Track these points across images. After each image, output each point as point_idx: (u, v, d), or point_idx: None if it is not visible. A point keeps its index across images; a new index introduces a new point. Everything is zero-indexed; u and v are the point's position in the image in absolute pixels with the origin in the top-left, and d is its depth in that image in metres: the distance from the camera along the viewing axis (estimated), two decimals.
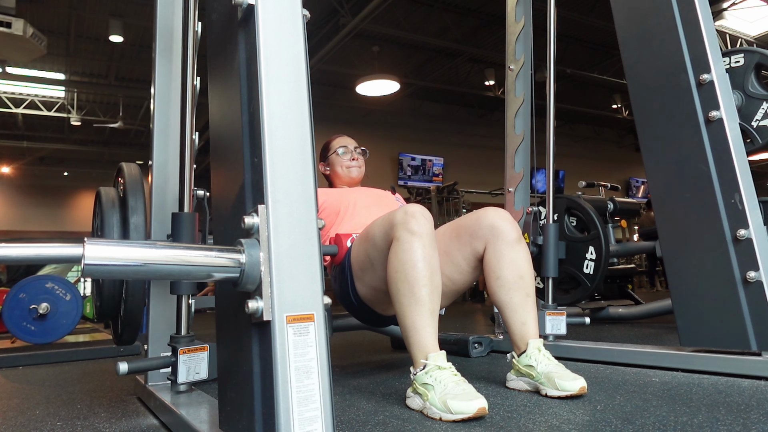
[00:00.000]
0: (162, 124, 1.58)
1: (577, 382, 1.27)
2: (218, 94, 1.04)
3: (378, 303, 1.62)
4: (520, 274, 1.47)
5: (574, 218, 2.43)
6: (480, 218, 1.53)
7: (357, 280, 1.60)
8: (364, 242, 1.55)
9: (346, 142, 2.04)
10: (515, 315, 1.45)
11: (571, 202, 2.38)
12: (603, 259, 2.26)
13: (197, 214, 1.38)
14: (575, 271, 2.34)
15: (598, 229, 2.27)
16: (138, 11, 6.79)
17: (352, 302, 1.66)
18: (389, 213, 1.45)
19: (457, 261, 1.58)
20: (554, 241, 2.12)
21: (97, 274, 0.72)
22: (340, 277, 1.68)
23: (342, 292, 1.68)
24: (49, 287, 2.95)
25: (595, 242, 2.28)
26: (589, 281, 2.30)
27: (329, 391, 0.76)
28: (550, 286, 2.11)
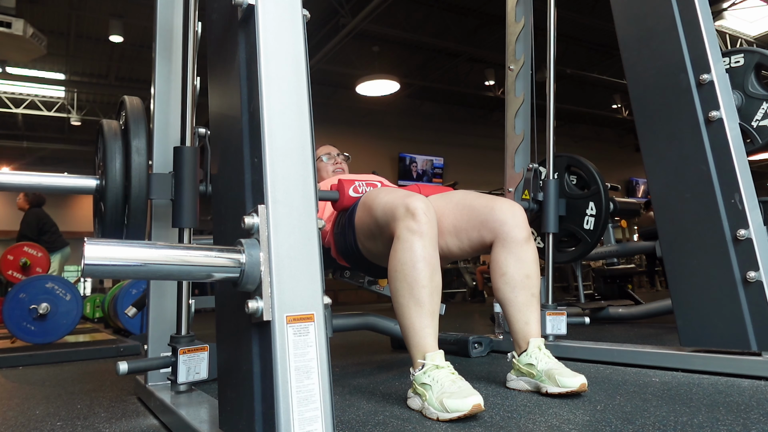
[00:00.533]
0: (162, 124, 1.58)
1: (577, 379, 1.28)
2: (218, 95, 1.05)
3: (380, 258, 1.59)
4: (527, 274, 1.46)
5: (575, 176, 2.41)
6: (494, 210, 1.50)
7: (360, 242, 1.59)
8: (367, 213, 1.52)
9: (329, 149, 2.15)
10: (519, 314, 1.45)
11: (571, 159, 2.36)
12: (603, 213, 2.24)
13: (198, 149, 1.39)
14: (575, 227, 2.31)
15: (599, 184, 2.25)
16: (138, 11, 6.80)
17: (353, 253, 1.64)
18: (394, 198, 1.42)
19: (461, 238, 1.55)
20: (554, 197, 2.13)
21: (97, 274, 0.72)
22: (341, 231, 1.66)
23: (344, 245, 1.66)
24: (49, 287, 2.95)
25: (595, 197, 2.26)
26: (590, 237, 2.28)
27: (329, 391, 0.76)
28: (550, 243, 2.12)
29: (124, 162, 1.33)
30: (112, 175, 1.31)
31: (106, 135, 1.36)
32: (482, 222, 1.51)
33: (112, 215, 1.33)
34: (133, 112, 1.37)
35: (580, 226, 2.30)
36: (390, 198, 1.44)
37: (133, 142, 1.33)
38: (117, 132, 1.38)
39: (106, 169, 1.32)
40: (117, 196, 1.32)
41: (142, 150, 1.34)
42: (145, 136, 1.36)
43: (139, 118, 1.37)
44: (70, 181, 1.37)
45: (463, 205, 1.57)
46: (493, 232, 1.49)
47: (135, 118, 1.36)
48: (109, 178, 1.31)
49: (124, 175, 1.32)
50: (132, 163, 1.32)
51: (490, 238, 1.50)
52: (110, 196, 1.31)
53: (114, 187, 1.31)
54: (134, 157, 1.33)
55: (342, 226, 1.67)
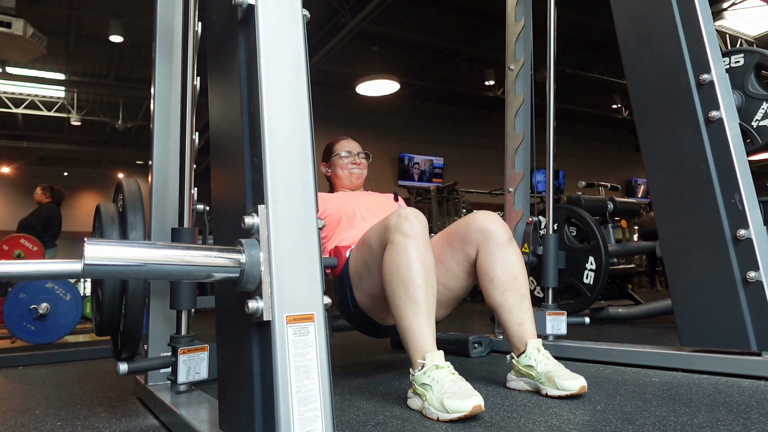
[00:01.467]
0: (162, 124, 1.58)
1: (577, 382, 1.28)
2: (218, 94, 1.04)
3: (377, 311, 1.62)
4: (513, 275, 1.47)
5: (574, 228, 2.43)
6: (470, 223, 1.53)
7: (356, 289, 1.61)
8: (360, 250, 1.55)
9: (351, 146, 2.01)
10: (511, 316, 1.45)
11: (571, 212, 2.38)
12: (603, 269, 2.26)
13: (197, 229, 1.38)
14: (575, 281, 2.34)
15: (598, 239, 2.27)
16: (138, 11, 6.79)
17: (352, 312, 1.67)
18: (383, 218, 1.45)
19: (451, 268, 1.58)
20: (554, 250, 2.13)
21: (98, 274, 0.72)
22: (340, 288, 1.68)
23: (342, 303, 1.69)
24: (49, 287, 2.95)
25: (595, 252, 2.28)
26: (590, 291, 2.30)
27: (329, 391, 0.76)
28: (550, 296, 2.11)
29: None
30: None
31: (103, 221, 1.38)
32: (463, 240, 1.54)
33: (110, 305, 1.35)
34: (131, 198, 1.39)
35: (580, 280, 2.32)
36: (380, 221, 1.47)
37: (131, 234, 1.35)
38: (114, 218, 1.40)
39: None
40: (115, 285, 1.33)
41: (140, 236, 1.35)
42: (142, 224, 1.37)
43: (136, 205, 1.39)
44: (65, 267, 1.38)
45: (442, 238, 1.62)
46: (475, 242, 1.52)
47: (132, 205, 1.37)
48: None
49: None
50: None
51: (474, 250, 1.53)
52: (108, 284, 1.32)
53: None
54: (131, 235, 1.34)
55: (339, 284, 1.69)
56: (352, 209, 1.84)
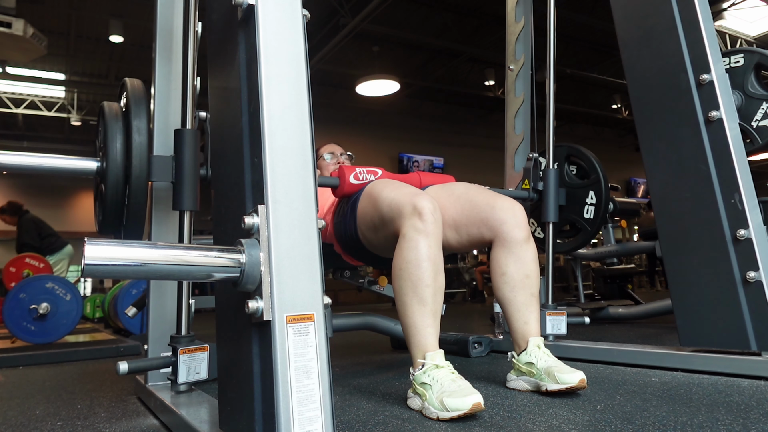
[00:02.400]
0: (162, 120, 1.58)
1: (576, 375, 1.28)
2: (218, 95, 1.05)
3: (378, 249, 1.60)
4: (526, 273, 1.47)
5: (575, 166, 2.41)
6: (494, 208, 1.50)
7: (360, 231, 1.58)
8: (372, 206, 1.51)
9: (333, 148, 2.12)
10: (518, 314, 1.45)
11: (571, 149, 2.36)
12: (603, 202, 2.24)
13: (199, 132, 1.39)
14: (575, 216, 2.31)
15: (599, 173, 2.25)
16: (138, 11, 6.79)
17: (351, 242, 1.64)
18: (402, 194, 1.42)
19: (461, 233, 1.56)
20: (554, 186, 2.14)
21: (98, 274, 0.72)
22: (342, 219, 1.66)
23: (344, 232, 1.65)
24: (49, 287, 2.95)
25: (595, 186, 2.26)
26: (590, 226, 2.28)
27: (329, 391, 0.76)
28: (550, 232, 2.12)
29: (124, 143, 1.33)
30: (113, 156, 1.31)
31: (107, 116, 1.36)
32: (482, 220, 1.51)
33: (113, 197, 1.32)
34: (134, 94, 1.37)
35: (580, 215, 2.30)
36: (397, 194, 1.43)
37: (134, 122, 1.33)
38: (118, 113, 1.38)
39: (106, 150, 1.31)
40: (118, 177, 1.31)
41: (143, 131, 1.33)
42: (146, 117, 1.35)
43: (140, 99, 1.36)
44: (71, 163, 1.36)
45: (465, 199, 1.57)
46: (493, 230, 1.50)
47: (136, 100, 1.36)
48: (110, 158, 1.30)
49: (125, 156, 1.32)
50: (133, 144, 1.32)
51: (490, 236, 1.51)
52: (111, 177, 1.30)
53: (115, 167, 1.31)
54: (135, 137, 1.32)
55: (343, 214, 1.66)
56: None
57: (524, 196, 2.22)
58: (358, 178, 1.65)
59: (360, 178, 1.65)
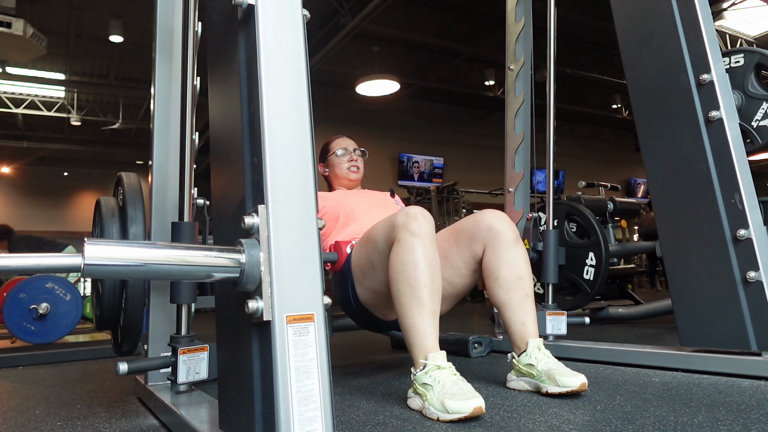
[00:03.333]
0: (162, 124, 1.58)
1: (577, 378, 1.28)
2: (218, 94, 1.04)
3: (379, 307, 1.62)
4: (518, 275, 1.47)
5: (574, 224, 2.43)
6: (478, 221, 1.54)
7: (358, 285, 1.61)
8: (365, 245, 1.55)
9: (346, 143, 2.03)
10: (514, 315, 1.45)
11: (571, 208, 2.38)
12: (603, 265, 2.26)
13: (197, 223, 1.38)
14: (575, 276, 2.34)
15: (598, 235, 2.27)
16: (138, 11, 6.79)
17: (353, 307, 1.67)
18: (391, 215, 1.45)
19: (456, 265, 1.59)
20: (554, 247, 2.13)
21: (98, 274, 0.72)
22: (341, 283, 1.68)
23: (343, 298, 1.68)
24: (49, 287, 2.95)
25: (595, 248, 2.28)
26: (590, 287, 2.30)
27: (329, 391, 0.76)
28: (550, 292, 2.11)
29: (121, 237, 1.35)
30: None
31: (103, 215, 1.38)
32: (470, 237, 1.55)
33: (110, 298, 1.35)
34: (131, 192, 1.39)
35: (580, 276, 2.32)
36: (386, 218, 1.47)
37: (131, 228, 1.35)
38: (114, 212, 1.40)
39: None
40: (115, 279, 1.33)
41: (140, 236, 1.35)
42: (143, 217, 1.37)
43: (137, 199, 1.39)
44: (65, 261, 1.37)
45: (448, 234, 1.62)
46: (482, 240, 1.52)
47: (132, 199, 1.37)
48: None
49: None
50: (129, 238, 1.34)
51: (481, 248, 1.53)
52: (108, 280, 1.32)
53: None
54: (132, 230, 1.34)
55: (340, 279, 1.69)
56: (350, 206, 1.85)
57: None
58: (354, 247, 1.67)
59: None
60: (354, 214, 1.83)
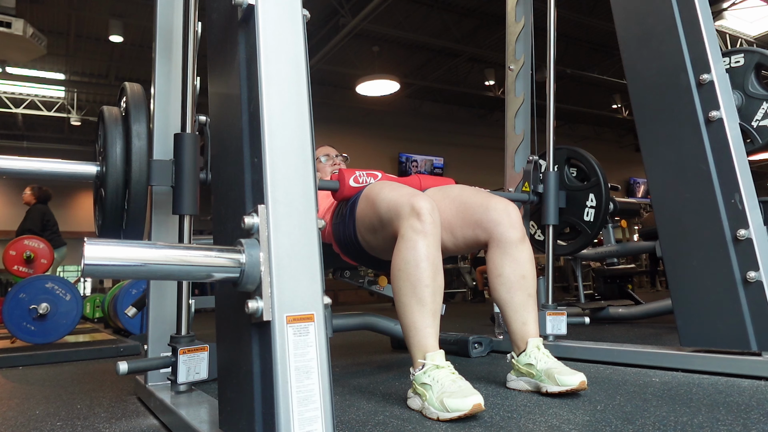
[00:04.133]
0: (162, 124, 1.58)
1: (576, 377, 1.28)
2: (218, 95, 1.04)
3: (382, 252, 1.59)
4: (522, 274, 1.46)
5: (575, 169, 2.41)
6: (488, 210, 1.50)
7: (359, 233, 1.58)
8: (371, 208, 1.51)
9: (328, 150, 2.12)
10: (516, 315, 1.45)
11: (571, 152, 2.36)
12: (603, 204, 2.24)
13: (198, 135, 1.39)
14: (576, 219, 2.31)
15: (599, 176, 2.25)
16: (138, 11, 6.80)
17: (352, 245, 1.64)
18: (400, 195, 1.41)
19: (456, 235, 1.55)
20: (554, 188, 2.14)
21: (97, 274, 0.72)
22: (341, 221, 1.65)
23: (343, 235, 1.65)
24: (49, 287, 2.95)
25: (595, 189, 2.25)
26: (590, 229, 2.28)
27: (329, 391, 0.76)
28: (550, 235, 2.11)
29: (124, 147, 1.33)
30: (113, 161, 1.31)
31: (106, 120, 1.36)
32: (477, 221, 1.52)
33: (113, 201, 1.32)
34: (134, 98, 1.37)
35: (581, 218, 2.30)
36: (395, 195, 1.43)
37: (134, 127, 1.33)
38: (118, 118, 1.38)
39: (106, 155, 1.31)
40: (117, 181, 1.31)
41: (143, 135, 1.33)
42: (146, 121, 1.35)
43: (140, 103, 1.36)
44: (71, 167, 1.36)
45: (459, 201, 1.57)
46: (488, 232, 1.50)
47: (135, 104, 1.36)
48: (110, 163, 1.30)
49: (125, 160, 1.32)
50: (132, 148, 1.32)
51: (485, 237, 1.51)
52: (111, 181, 1.30)
53: (114, 172, 1.31)
54: (135, 142, 1.32)
55: (342, 215, 1.66)
56: None
57: (524, 199, 2.22)
58: (358, 181, 1.65)
59: (360, 181, 1.65)
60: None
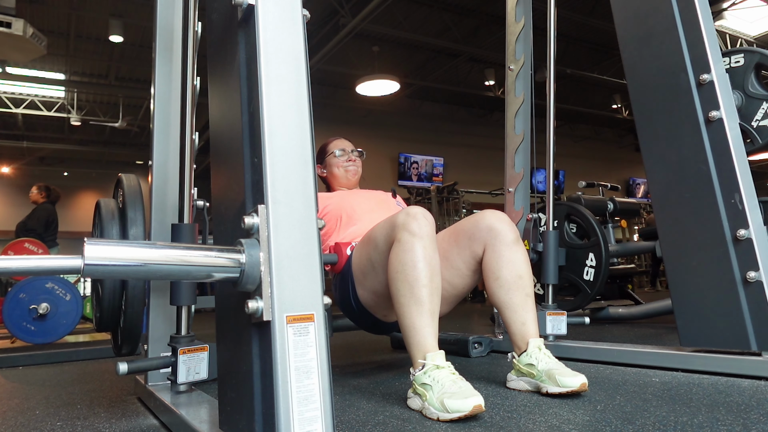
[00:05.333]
0: (162, 124, 1.58)
1: (577, 379, 1.28)
2: (218, 94, 1.04)
3: (379, 308, 1.62)
4: (518, 274, 1.47)
5: (574, 224, 2.43)
6: (478, 221, 1.54)
7: (358, 286, 1.61)
8: (366, 246, 1.55)
9: (344, 144, 2.06)
10: (515, 315, 1.45)
11: (571, 208, 2.38)
12: (603, 265, 2.26)
13: (197, 225, 1.38)
14: (575, 277, 2.34)
15: (598, 235, 2.27)
16: (138, 11, 6.79)
17: (353, 308, 1.67)
18: (391, 216, 1.45)
19: (456, 265, 1.59)
20: (554, 247, 2.13)
21: (98, 274, 0.72)
22: (341, 285, 1.68)
23: (343, 299, 1.68)
24: (49, 287, 2.95)
25: (594, 249, 2.28)
26: (590, 288, 2.30)
27: (329, 391, 0.76)
28: (550, 293, 2.11)
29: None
30: None
31: (103, 216, 1.38)
32: (470, 237, 1.55)
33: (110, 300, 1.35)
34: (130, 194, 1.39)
35: (580, 277, 2.32)
36: (387, 219, 1.47)
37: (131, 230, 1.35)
38: (114, 213, 1.40)
39: None
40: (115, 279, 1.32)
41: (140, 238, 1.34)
42: (142, 219, 1.37)
43: (136, 200, 1.39)
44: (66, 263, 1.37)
45: (449, 234, 1.62)
46: (482, 240, 1.52)
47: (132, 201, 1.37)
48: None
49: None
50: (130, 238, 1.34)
51: (481, 248, 1.53)
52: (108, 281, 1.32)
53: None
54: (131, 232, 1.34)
55: (341, 280, 1.69)
56: (352, 206, 1.85)
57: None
58: (354, 249, 1.67)
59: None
60: (355, 214, 1.83)
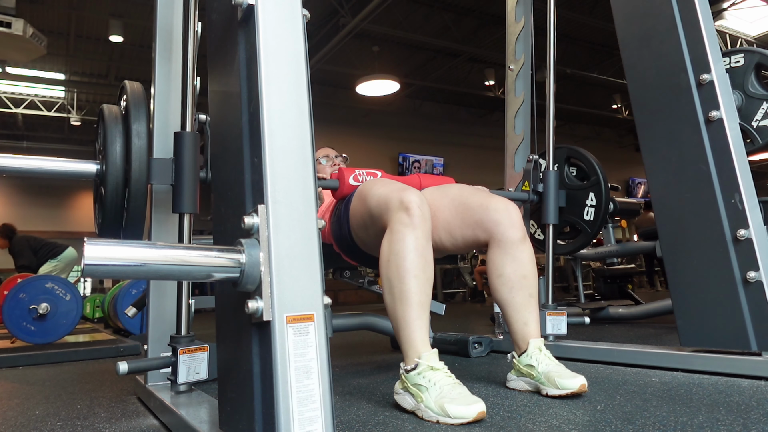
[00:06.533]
0: (162, 123, 1.58)
1: (577, 380, 1.27)
2: (218, 95, 1.04)
3: (374, 249, 1.59)
4: (523, 274, 1.46)
5: (575, 168, 2.40)
6: (488, 210, 1.49)
7: (353, 231, 1.60)
8: (362, 204, 1.51)
9: (327, 152, 2.13)
10: (517, 315, 1.45)
11: (571, 151, 2.36)
12: (603, 203, 2.23)
13: (198, 134, 1.39)
14: (575, 218, 2.31)
15: (599, 175, 2.24)
16: (138, 11, 6.80)
17: (348, 244, 1.65)
18: (387, 188, 1.42)
19: (455, 236, 1.55)
20: (554, 188, 2.15)
21: (97, 274, 0.72)
22: (337, 220, 1.67)
23: (339, 233, 1.66)
24: (49, 287, 2.95)
25: (595, 188, 2.25)
26: (590, 228, 2.28)
27: (329, 391, 0.76)
28: (550, 234, 2.11)
29: (124, 146, 1.33)
30: (113, 159, 1.31)
31: (106, 119, 1.36)
32: (477, 221, 1.51)
33: (113, 200, 1.32)
34: (134, 97, 1.36)
35: (580, 217, 2.30)
36: (385, 190, 1.43)
37: (134, 126, 1.32)
38: (117, 116, 1.38)
39: (106, 153, 1.31)
40: (117, 180, 1.31)
41: (143, 134, 1.33)
42: (146, 120, 1.35)
43: (140, 102, 1.36)
44: (71, 166, 1.36)
45: (458, 201, 1.56)
46: (488, 232, 1.49)
47: (135, 103, 1.35)
48: (110, 162, 1.30)
49: (125, 159, 1.32)
50: (132, 146, 1.32)
51: (485, 237, 1.50)
52: (110, 180, 1.30)
53: (114, 171, 1.30)
54: (135, 140, 1.32)
55: (338, 214, 1.67)
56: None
57: (524, 198, 2.22)
58: (358, 179, 1.65)
59: (359, 179, 1.66)
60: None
